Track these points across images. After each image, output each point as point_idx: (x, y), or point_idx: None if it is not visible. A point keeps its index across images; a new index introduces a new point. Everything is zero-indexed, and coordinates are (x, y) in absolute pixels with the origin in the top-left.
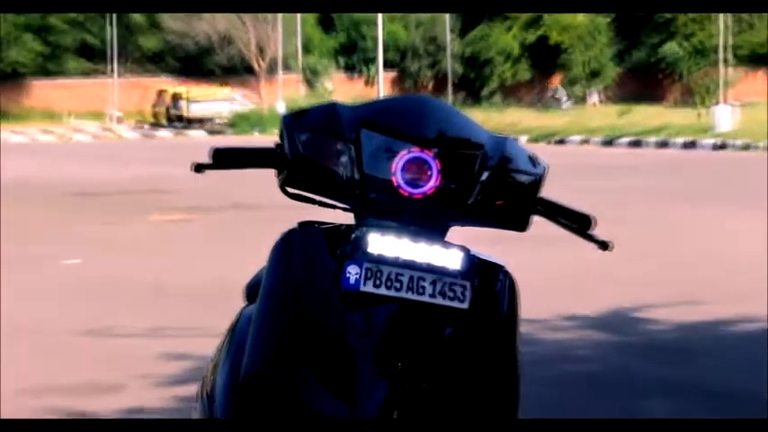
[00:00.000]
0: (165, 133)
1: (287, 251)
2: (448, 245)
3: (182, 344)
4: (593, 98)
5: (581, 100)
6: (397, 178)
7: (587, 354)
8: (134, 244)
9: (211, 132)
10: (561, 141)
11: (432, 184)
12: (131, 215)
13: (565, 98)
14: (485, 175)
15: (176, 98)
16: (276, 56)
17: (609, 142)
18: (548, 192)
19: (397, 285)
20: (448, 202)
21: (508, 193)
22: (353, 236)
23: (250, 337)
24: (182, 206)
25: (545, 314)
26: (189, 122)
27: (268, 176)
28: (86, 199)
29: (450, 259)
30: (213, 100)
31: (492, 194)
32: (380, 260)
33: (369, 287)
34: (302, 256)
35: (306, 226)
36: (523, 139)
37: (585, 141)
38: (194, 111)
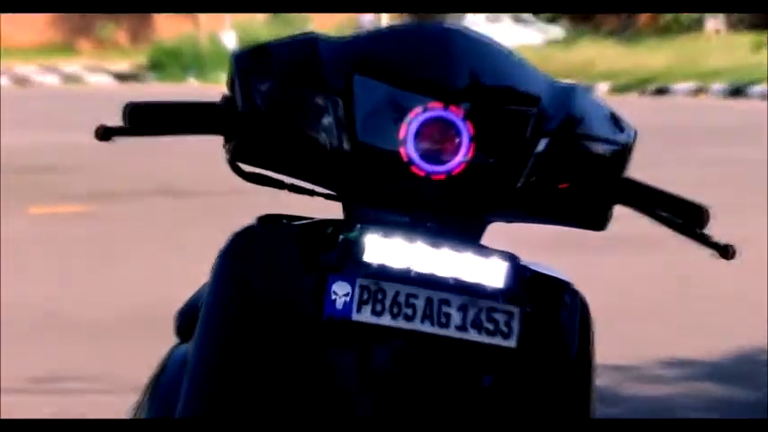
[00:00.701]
0: (50, 78)
1: (240, 260)
2: (485, 251)
3: (78, 403)
4: (714, 23)
5: (695, 24)
6: (409, 149)
7: (701, 418)
8: (2, 252)
9: (121, 78)
10: (662, 91)
11: (460, 158)
12: None
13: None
14: (541, 145)
15: None
16: None
17: (736, 91)
18: (637, 172)
19: (408, 312)
20: (485, 185)
21: (577, 173)
22: (342, 237)
23: (184, 390)
24: (77, 193)
25: (634, 357)
26: None
27: (211, 147)
28: None
29: (489, 273)
30: None
31: (553, 174)
32: (382, 274)
33: (365, 315)
34: (263, 267)
35: (269, 222)
36: (602, 88)
37: (700, 90)
38: None
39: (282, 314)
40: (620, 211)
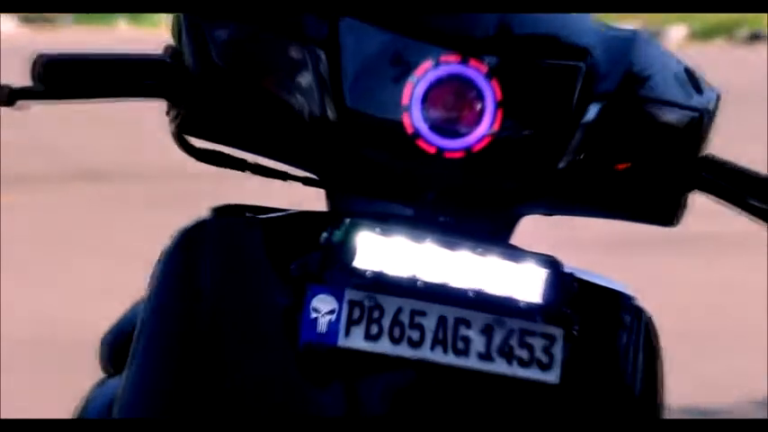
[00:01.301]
0: None
1: (188, 266)
2: (516, 253)
3: None
4: None
5: None
6: (415, 118)
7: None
8: None
9: (28, 20)
10: (756, 37)
11: (483, 129)
12: None
13: None
14: (592, 112)
15: None
16: None
17: None
18: (721, 148)
19: (414, 336)
20: (516, 166)
21: (640, 149)
22: (325, 236)
23: None
24: None
25: (715, 396)
26: None
27: (149, 115)
28: None
29: (523, 283)
30: None
31: (607, 151)
32: (380, 285)
33: (356, 340)
34: (219, 275)
35: (227, 216)
36: (676, 34)
37: None
38: None
39: (245, 339)
40: (697, 200)
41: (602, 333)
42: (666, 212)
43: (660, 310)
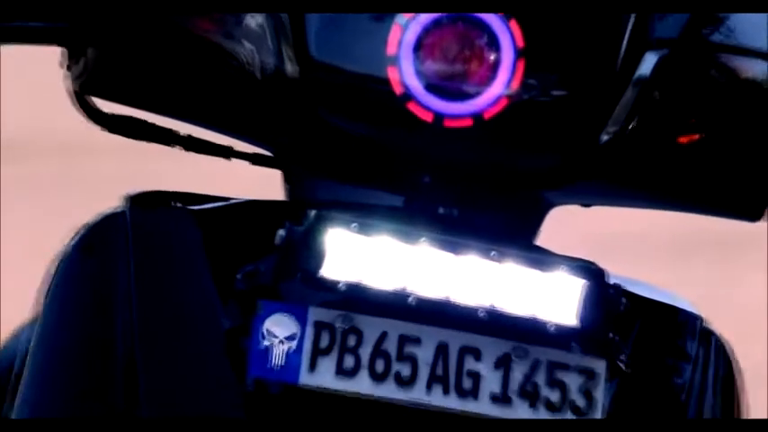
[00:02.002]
0: None
1: (97, 270)
2: (544, 258)
3: None
4: None
5: None
6: (405, 74)
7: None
8: None
9: None
10: None
11: (498, 89)
12: None
13: None
14: (647, 65)
15: None
16: None
17: None
18: None
19: (404, 372)
20: (543, 138)
21: (713, 115)
22: (283, 234)
23: None
24: None
25: None
26: None
27: (46, 68)
28: None
29: (553, 298)
30: None
31: (668, 117)
32: (356, 301)
33: (323, 376)
34: (139, 285)
35: (149, 206)
36: None
37: None
38: None
39: (170, 372)
40: None
41: (660, 366)
42: (748, 202)
43: (734, 333)
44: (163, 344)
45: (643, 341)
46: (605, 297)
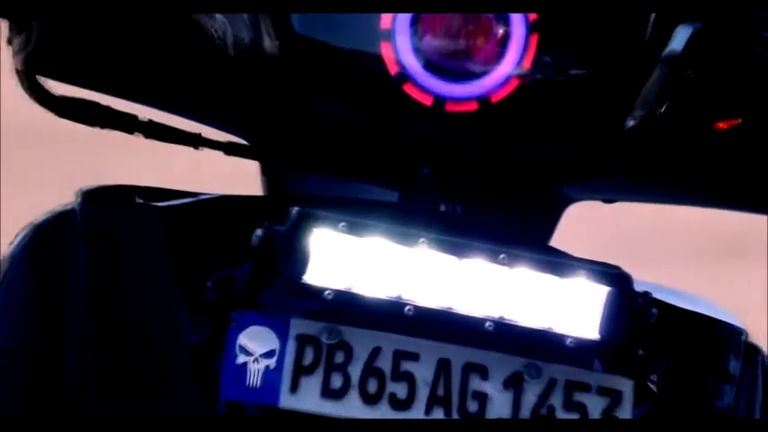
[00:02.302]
0: None
1: (46, 273)
2: (561, 262)
3: None
4: None
5: None
6: (401, 52)
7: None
8: None
9: None
10: None
11: (509, 68)
12: None
13: None
14: (678, 40)
15: None
16: None
17: None
18: None
19: (399, 392)
20: (560, 124)
21: (754, 96)
22: (259, 236)
23: None
24: None
25: None
26: None
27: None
28: None
29: (572, 307)
30: None
31: (703, 99)
32: (345, 311)
33: (307, 398)
34: (95, 290)
35: (107, 202)
36: None
37: None
38: None
39: (130, 391)
40: None
41: (697, 387)
42: None
43: None
44: (117, 359)
45: (677, 358)
46: (632, 307)
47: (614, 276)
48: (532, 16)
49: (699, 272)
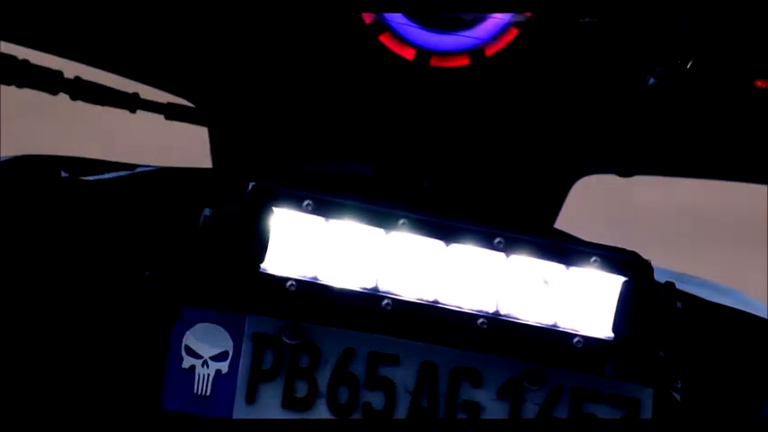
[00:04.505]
0: None
1: None
2: (568, 247)
3: None
4: None
5: None
6: None
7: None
8: None
9: None
10: None
11: (504, 15)
12: None
13: None
14: None
15: None
16: None
17: None
18: None
19: (376, 401)
20: (567, 80)
21: None
22: (208, 215)
23: None
24: None
25: None
26: None
27: None
28: None
29: (580, 301)
30: None
31: (737, 52)
32: (310, 305)
33: (265, 407)
34: (8, 279)
35: (19, 173)
36: None
37: None
38: None
39: (51, 400)
40: None
41: (729, 394)
42: None
43: None
44: (41, 365)
45: (705, 361)
46: (652, 300)
47: (631, 264)
48: None
49: (742, 260)
